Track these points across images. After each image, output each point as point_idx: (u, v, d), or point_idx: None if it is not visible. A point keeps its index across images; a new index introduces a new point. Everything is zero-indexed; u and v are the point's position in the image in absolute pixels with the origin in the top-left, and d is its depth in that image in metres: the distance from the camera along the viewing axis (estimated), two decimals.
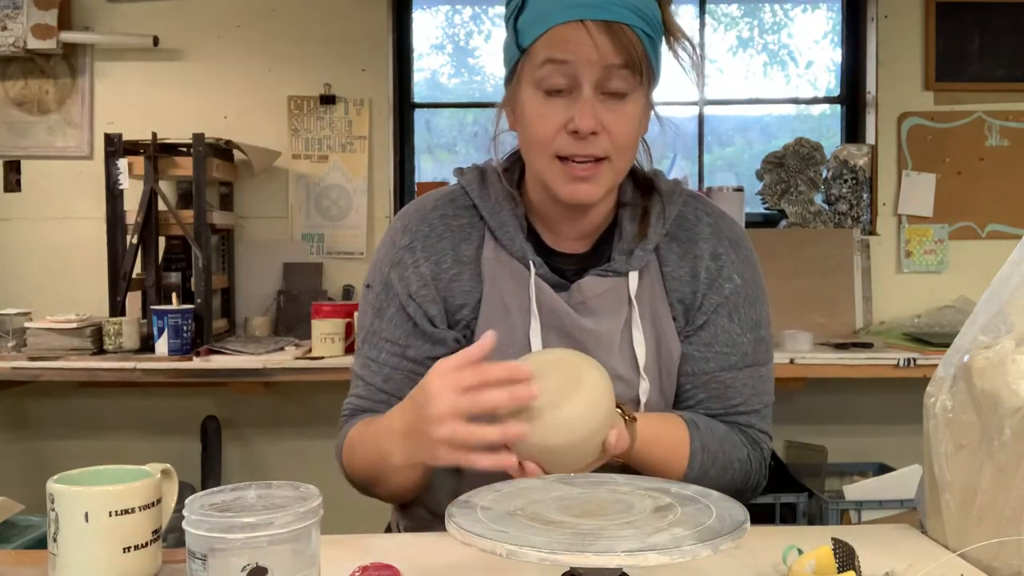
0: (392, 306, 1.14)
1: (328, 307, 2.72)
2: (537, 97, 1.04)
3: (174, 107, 3.13)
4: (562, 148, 1.04)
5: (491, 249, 1.13)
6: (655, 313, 1.14)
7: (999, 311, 0.93)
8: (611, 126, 1.03)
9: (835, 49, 3.40)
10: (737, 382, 1.15)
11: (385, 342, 1.15)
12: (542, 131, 1.04)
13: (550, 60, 1.02)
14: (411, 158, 3.38)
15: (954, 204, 3.19)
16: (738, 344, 1.15)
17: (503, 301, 1.12)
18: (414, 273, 1.14)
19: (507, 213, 1.14)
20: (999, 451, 0.87)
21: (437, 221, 1.15)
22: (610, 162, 1.05)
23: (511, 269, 1.13)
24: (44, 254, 3.17)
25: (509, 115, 1.13)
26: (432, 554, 0.95)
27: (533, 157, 1.08)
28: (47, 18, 3.01)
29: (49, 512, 0.86)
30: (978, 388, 0.90)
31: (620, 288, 1.13)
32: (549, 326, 1.11)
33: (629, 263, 1.13)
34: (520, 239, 1.13)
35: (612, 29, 1.00)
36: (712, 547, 0.70)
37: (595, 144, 1.03)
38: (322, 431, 3.11)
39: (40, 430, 3.19)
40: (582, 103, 1.02)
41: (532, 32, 1.03)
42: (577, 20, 1.00)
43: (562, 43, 1.01)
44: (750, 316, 1.17)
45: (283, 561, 0.74)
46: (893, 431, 3.11)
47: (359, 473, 1.12)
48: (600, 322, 1.12)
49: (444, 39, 3.44)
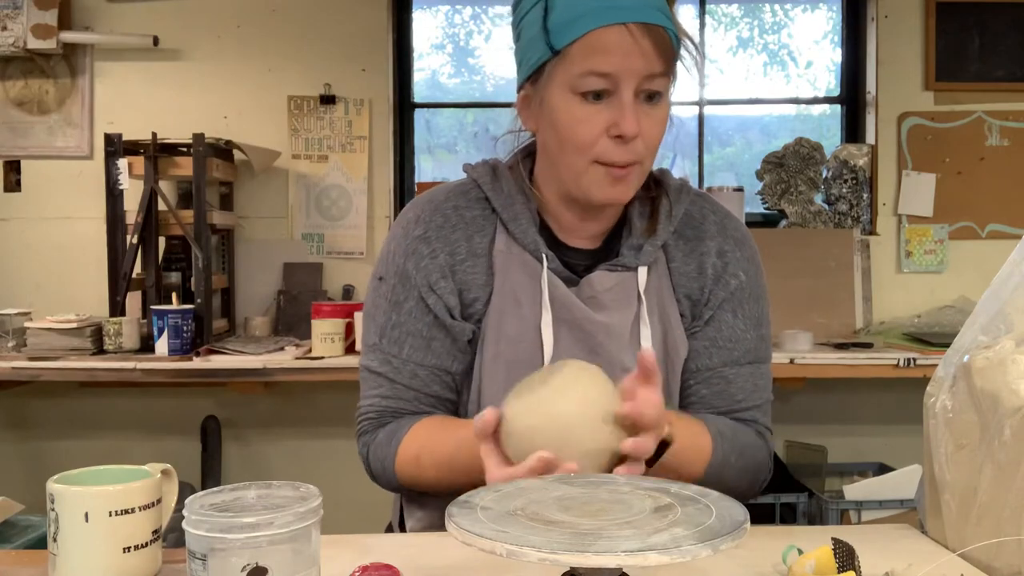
0: (411, 298, 1.12)
1: (328, 307, 2.73)
2: (574, 101, 1.02)
3: (174, 107, 3.13)
4: (604, 153, 1.03)
5: (503, 242, 1.13)
6: (663, 309, 1.14)
7: (999, 311, 0.93)
8: (647, 130, 1.03)
9: (835, 49, 3.40)
10: (739, 378, 1.16)
11: (408, 336, 1.12)
12: (583, 136, 1.03)
13: (592, 72, 1.00)
14: (411, 158, 3.38)
15: (954, 204, 3.19)
16: (741, 340, 1.16)
17: (515, 294, 1.11)
18: (432, 263, 1.12)
19: (520, 207, 1.13)
20: (999, 451, 0.87)
21: (451, 212, 1.14)
22: (641, 164, 1.05)
23: (523, 262, 1.12)
24: (44, 254, 3.17)
25: (527, 116, 1.11)
26: (432, 554, 0.95)
27: (568, 160, 1.06)
28: (47, 18, 3.01)
29: (49, 512, 0.86)
30: (978, 388, 0.90)
31: (629, 283, 1.13)
32: (560, 319, 1.11)
33: (639, 258, 1.13)
34: (533, 232, 1.12)
35: (653, 32, 0.99)
36: (712, 547, 0.70)
37: (634, 149, 1.03)
38: (322, 431, 3.11)
39: (40, 430, 3.18)
40: (625, 108, 1.01)
41: (568, 34, 1.01)
42: (619, 23, 0.98)
43: (604, 49, 0.99)
44: (753, 313, 1.17)
45: (283, 561, 0.74)
46: (893, 431, 3.11)
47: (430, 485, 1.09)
48: (611, 316, 1.11)
49: (444, 39, 3.44)
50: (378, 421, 1.15)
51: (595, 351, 1.10)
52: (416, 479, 1.11)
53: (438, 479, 1.07)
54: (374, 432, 1.15)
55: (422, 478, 1.10)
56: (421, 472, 1.09)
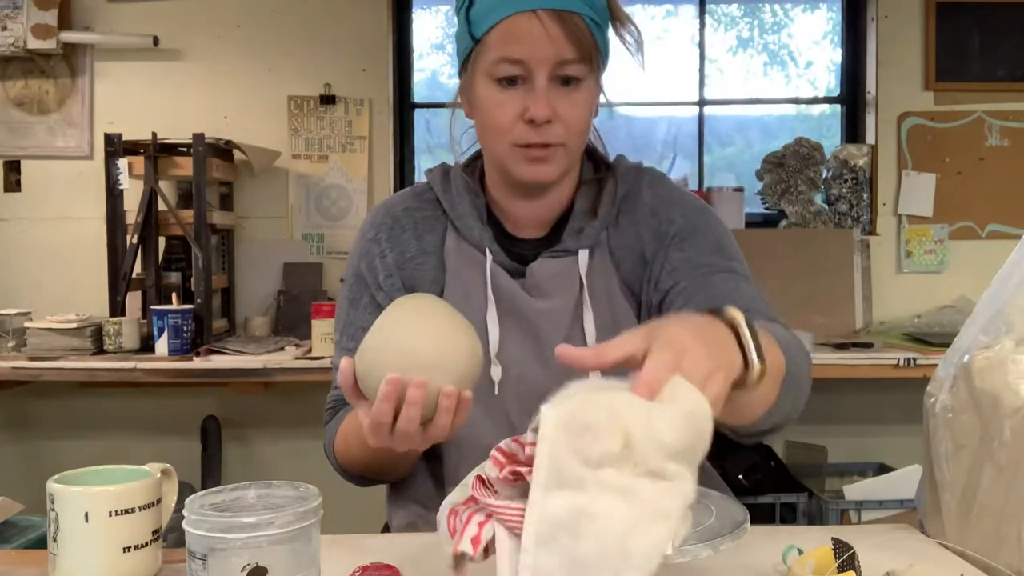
0: (364, 296, 1.19)
1: (328, 307, 2.72)
2: (492, 87, 1.07)
3: (174, 107, 3.13)
4: (519, 137, 1.06)
5: (453, 240, 1.17)
6: (609, 291, 1.14)
7: (999, 311, 0.93)
8: (564, 113, 1.05)
9: (835, 49, 3.40)
10: (716, 287, 1.08)
11: (361, 331, 1.13)
12: (499, 120, 1.07)
13: (504, 59, 1.04)
14: (411, 158, 3.38)
15: (954, 204, 3.19)
16: (701, 264, 1.10)
17: (464, 288, 1.15)
18: (380, 263, 1.18)
19: (466, 205, 1.17)
20: (999, 451, 0.87)
21: (400, 214, 1.20)
22: (565, 146, 1.08)
23: (471, 258, 1.16)
24: (44, 254, 3.17)
25: (465, 104, 1.16)
26: (432, 554, 0.95)
27: (491, 144, 1.11)
28: (47, 18, 3.01)
29: (49, 512, 0.86)
30: (978, 388, 0.90)
31: (573, 268, 1.14)
32: (505, 310, 1.13)
33: (579, 241, 1.14)
34: (478, 228, 1.16)
35: (563, 19, 1.02)
36: (712, 547, 0.70)
37: (550, 132, 1.06)
38: (322, 431, 3.10)
39: (40, 430, 3.18)
40: (537, 93, 1.04)
41: (485, 22, 1.05)
42: (529, 11, 1.02)
43: (515, 37, 1.03)
44: (707, 241, 1.12)
45: (283, 561, 0.74)
46: (893, 431, 3.11)
47: (358, 462, 1.12)
48: (552, 302, 1.13)
49: (444, 39, 3.44)
50: (334, 411, 1.21)
51: (537, 338, 1.12)
52: (346, 457, 1.14)
53: (360, 453, 1.09)
54: (329, 421, 1.21)
55: (349, 455, 1.12)
56: (348, 449, 1.12)
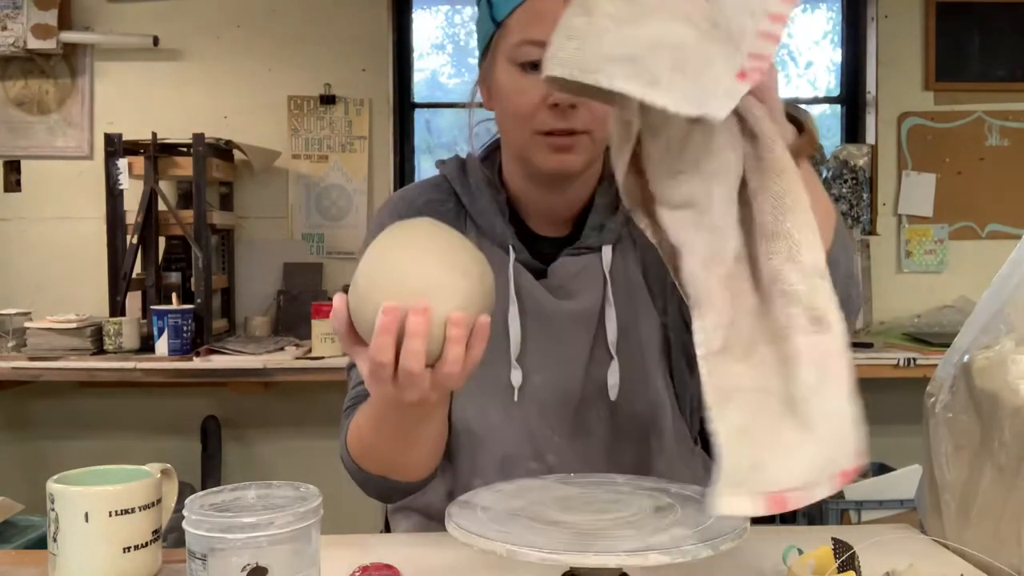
0: None
1: (328, 307, 2.72)
2: (514, 72, 1.02)
3: (174, 107, 3.13)
4: (543, 123, 1.02)
5: (473, 236, 1.11)
6: (631, 288, 1.11)
7: (999, 311, 0.93)
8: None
9: (835, 49, 3.40)
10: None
11: None
12: (521, 106, 1.02)
13: (527, 41, 1.00)
14: (411, 158, 3.38)
15: (954, 204, 3.19)
16: None
17: None
18: None
19: (487, 200, 1.12)
20: (999, 451, 0.87)
21: (423, 206, 1.13)
22: (590, 135, 1.03)
23: (492, 255, 1.09)
24: (44, 254, 3.17)
25: (484, 94, 1.11)
26: (432, 554, 0.95)
27: (513, 132, 1.06)
28: (47, 18, 3.01)
29: (49, 512, 0.86)
30: (978, 388, 0.90)
31: (596, 266, 1.10)
32: (527, 311, 1.09)
33: (601, 237, 1.11)
34: (500, 224, 1.11)
35: None
36: (712, 547, 0.70)
37: (575, 117, 1.01)
38: (322, 431, 3.10)
39: (40, 430, 3.18)
40: None
41: (507, 4, 1.01)
42: None
43: (538, 17, 0.99)
44: None
45: (283, 561, 0.73)
46: (893, 431, 3.10)
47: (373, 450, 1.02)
48: (577, 303, 1.09)
49: (444, 39, 3.44)
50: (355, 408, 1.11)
51: (561, 340, 1.08)
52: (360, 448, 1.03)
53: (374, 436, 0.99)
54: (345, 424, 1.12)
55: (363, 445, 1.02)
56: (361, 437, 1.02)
